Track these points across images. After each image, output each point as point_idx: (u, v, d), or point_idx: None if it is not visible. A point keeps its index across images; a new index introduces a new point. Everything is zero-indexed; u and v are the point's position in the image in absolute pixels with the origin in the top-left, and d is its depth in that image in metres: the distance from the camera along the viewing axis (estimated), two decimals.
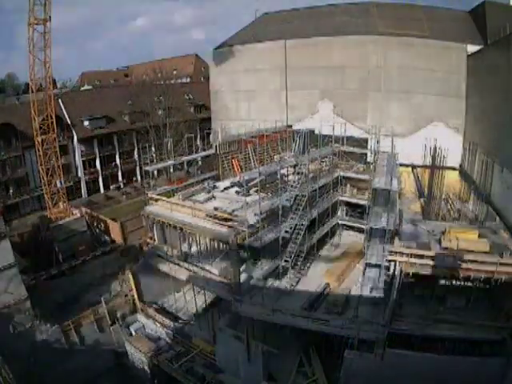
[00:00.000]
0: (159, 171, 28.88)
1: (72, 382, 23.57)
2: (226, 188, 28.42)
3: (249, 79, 42.73)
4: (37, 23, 29.91)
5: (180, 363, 22.43)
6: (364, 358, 17.80)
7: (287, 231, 22.40)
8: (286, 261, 22.69)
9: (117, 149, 53.27)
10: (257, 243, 20.60)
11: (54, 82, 55.96)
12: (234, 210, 23.08)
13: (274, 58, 41.54)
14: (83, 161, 49.82)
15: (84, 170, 49.87)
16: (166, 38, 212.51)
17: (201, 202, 25.10)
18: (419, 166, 31.62)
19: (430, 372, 17.22)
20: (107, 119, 51.70)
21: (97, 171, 51.38)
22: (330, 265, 25.08)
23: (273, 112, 42.53)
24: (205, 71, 71.85)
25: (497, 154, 23.36)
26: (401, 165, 29.34)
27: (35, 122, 32.06)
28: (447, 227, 20.48)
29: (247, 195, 23.85)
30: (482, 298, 19.20)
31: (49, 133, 32.84)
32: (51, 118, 32.73)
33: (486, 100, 28.31)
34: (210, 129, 46.34)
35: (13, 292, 24.29)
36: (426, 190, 25.77)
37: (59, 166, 34.32)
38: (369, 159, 32.97)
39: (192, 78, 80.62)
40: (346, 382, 18.42)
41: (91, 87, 72.10)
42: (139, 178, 53.21)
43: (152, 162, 28.48)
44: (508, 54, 23.14)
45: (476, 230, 20.17)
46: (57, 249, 32.72)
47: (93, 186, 51.08)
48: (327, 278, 23.72)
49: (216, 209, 23.29)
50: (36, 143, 32.72)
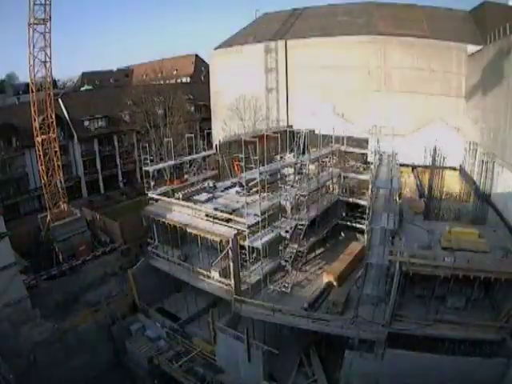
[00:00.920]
0: (159, 171, 28.82)
1: (72, 382, 23.60)
2: (226, 188, 28.44)
3: (249, 79, 42.72)
4: (37, 23, 29.89)
5: (180, 363, 22.45)
6: (364, 357, 17.83)
7: (287, 231, 22.40)
8: (286, 261, 22.69)
9: (117, 149, 53.28)
10: (257, 243, 20.59)
11: (55, 82, 55.93)
12: (234, 210, 23.09)
13: (274, 58, 41.58)
14: (83, 161, 49.84)
15: (84, 169, 49.88)
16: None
17: (201, 202, 25.10)
18: (419, 166, 31.61)
19: (430, 372, 17.23)
20: (107, 119, 51.71)
21: (97, 171, 51.41)
22: (329, 265, 25.09)
23: (273, 112, 42.63)
24: (205, 71, 71.79)
25: (497, 154, 23.37)
26: (401, 165, 29.38)
27: (35, 121, 32.03)
28: (447, 227, 20.51)
29: (247, 195, 23.86)
30: (482, 298, 19.21)
31: (49, 133, 32.80)
32: (51, 117, 32.67)
33: (486, 100, 28.32)
34: (210, 129, 46.33)
35: (13, 292, 24.28)
36: (426, 190, 25.75)
37: (59, 166, 34.25)
38: (369, 159, 32.98)
39: (192, 78, 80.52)
40: (346, 382, 18.44)
41: (91, 87, 72.04)
42: (139, 178, 53.15)
43: (152, 161, 28.49)
44: (508, 54, 23.17)
45: (476, 230, 20.20)
46: (57, 249, 32.69)
47: (93, 186, 51.08)
48: (327, 278, 23.74)
49: (216, 209, 23.29)
50: (36, 143, 32.66)
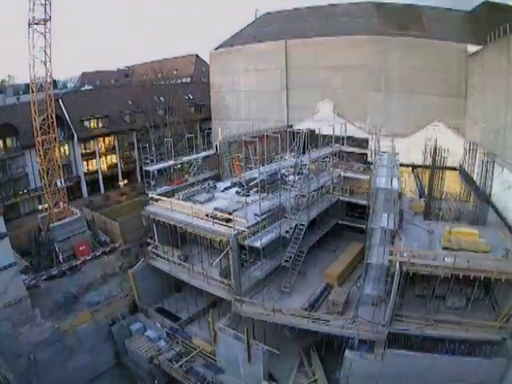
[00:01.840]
0: (159, 171, 28.83)
1: (72, 382, 23.61)
2: (227, 188, 28.43)
3: (249, 79, 42.76)
4: (37, 23, 29.87)
5: (180, 363, 22.47)
6: (364, 357, 17.84)
7: (287, 231, 22.39)
8: (286, 261, 22.67)
9: (117, 149, 53.29)
10: (257, 243, 20.60)
11: (55, 82, 55.85)
12: (234, 210, 23.09)
13: (274, 57, 41.58)
14: (83, 161, 49.85)
15: (84, 169, 49.90)
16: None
17: (201, 202, 25.09)
18: (419, 166, 31.60)
19: (430, 372, 17.24)
20: (107, 119, 51.71)
21: (97, 171, 51.40)
22: (329, 265, 25.08)
23: (273, 112, 42.61)
24: (205, 71, 71.77)
25: (497, 154, 23.36)
26: (401, 165, 29.34)
27: (35, 122, 32.02)
28: (447, 227, 20.51)
29: (247, 195, 23.85)
30: (482, 298, 19.22)
31: (49, 133, 32.80)
32: (51, 118, 32.66)
33: (486, 100, 28.31)
34: (210, 129, 46.36)
35: (13, 292, 24.27)
36: (426, 190, 25.75)
37: (59, 166, 34.25)
38: (369, 159, 32.97)
39: (192, 78, 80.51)
40: (346, 382, 18.44)
41: (91, 87, 72.04)
42: (139, 178, 53.13)
43: (152, 161, 28.51)
44: (508, 53, 23.15)
45: (476, 230, 20.19)
46: (57, 249, 32.68)
47: (93, 186, 51.06)
48: (327, 278, 23.74)
49: (216, 209, 23.29)
50: (36, 143, 32.66)
